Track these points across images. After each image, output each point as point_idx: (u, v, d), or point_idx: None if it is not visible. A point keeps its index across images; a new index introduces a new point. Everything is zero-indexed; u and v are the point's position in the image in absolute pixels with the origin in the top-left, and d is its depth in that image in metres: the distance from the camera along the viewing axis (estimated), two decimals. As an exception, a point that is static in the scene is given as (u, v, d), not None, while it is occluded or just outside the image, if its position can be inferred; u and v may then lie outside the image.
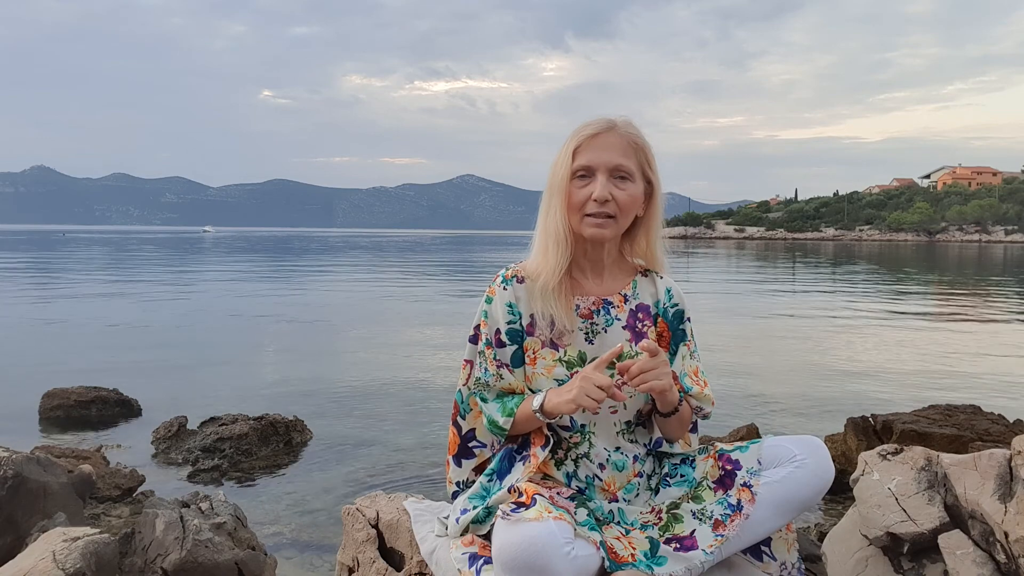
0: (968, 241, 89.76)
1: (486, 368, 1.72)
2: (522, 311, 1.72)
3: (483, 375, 1.73)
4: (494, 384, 1.72)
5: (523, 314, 1.72)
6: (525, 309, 1.72)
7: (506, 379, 1.72)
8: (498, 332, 1.71)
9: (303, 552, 3.17)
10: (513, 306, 1.72)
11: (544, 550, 1.39)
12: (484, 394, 1.73)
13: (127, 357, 8.03)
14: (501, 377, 1.72)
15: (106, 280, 20.30)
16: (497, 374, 1.71)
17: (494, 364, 1.72)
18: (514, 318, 1.72)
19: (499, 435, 1.71)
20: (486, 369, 1.72)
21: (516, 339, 1.72)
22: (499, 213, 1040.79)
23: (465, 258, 41.07)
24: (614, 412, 1.72)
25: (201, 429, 4.75)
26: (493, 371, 1.72)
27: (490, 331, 1.72)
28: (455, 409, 1.83)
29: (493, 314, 1.73)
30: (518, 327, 1.72)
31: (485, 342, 1.72)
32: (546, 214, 1.71)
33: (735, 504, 1.60)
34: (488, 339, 1.72)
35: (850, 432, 4.09)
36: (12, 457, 2.68)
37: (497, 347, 1.71)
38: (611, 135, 1.67)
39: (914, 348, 8.90)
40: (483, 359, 1.73)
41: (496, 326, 1.72)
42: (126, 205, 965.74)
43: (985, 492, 1.91)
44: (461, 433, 1.82)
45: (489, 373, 1.72)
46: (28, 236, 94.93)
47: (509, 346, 1.71)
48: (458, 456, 1.83)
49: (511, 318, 1.71)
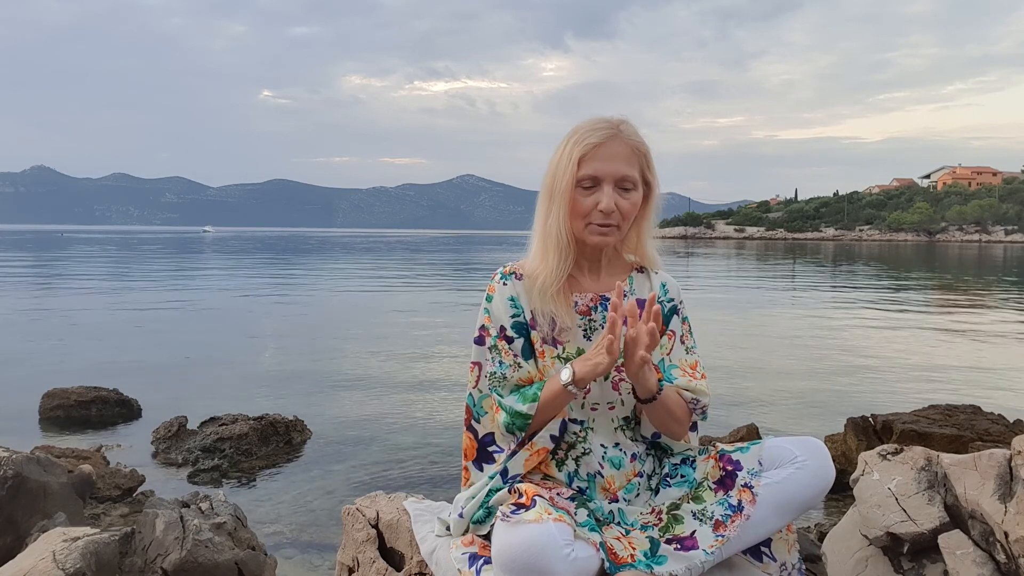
0: (968, 241, 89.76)
1: (501, 361, 1.70)
2: (523, 306, 1.72)
3: (499, 368, 1.70)
4: (511, 376, 1.69)
5: (524, 308, 1.72)
6: (526, 304, 1.72)
7: (524, 368, 1.70)
8: (503, 328, 1.71)
9: (303, 552, 3.18)
10: (515, 300, 1.72)
11: (544, 552, 1.39)
12: (499, 389, 1.70)
13: (127, 357, 8.03)
14: (519, 366, 1.69)
15: (106, 280, 20.30)
16: (515, 363, 1.69)
17: (510, 355, 1.70)
18: (517, 311, 1.72)
19: (521, 426, 1.66)
20: (501, 362, 1.70)
21: (522, 332, 1.71)
22: (499, 213, 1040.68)
23: (466, 258, 41.08)
24: (612, 408, 1.72)
25: (201, 429, 4.75)
26: (510, 361, 1.69)
27: (495, 327, 1.72)
28: (467, 414, 1.81)
29: (496, 311, 1.72)
30: (522, 320, 1.72)
31: (495, 337, 1.71)
32: (546, 218, 1.70)
33: (736, 505, 1.60)
34: (496, 335, 1.71)
35: (850, 432, 4.09)
36: (12, 457, 2.68)
37: (507, 342, 1.70)
38: (616, 144, 1.66)
39: (914, 348, 8.90)
40: (496, 353, 1.71)
41: (501, 322, 1.71)
42: (126, 205, 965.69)
43: (985, 492, 1.91)
44: (478, 437, 1.80)
45: (506, 365, 1.69)
46: (25, 236, 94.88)
47: (517, 339, 1.71)
48: (478, 460, 1.79)
49: (514, 311, 1.71)
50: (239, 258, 37.38)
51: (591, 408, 1.71)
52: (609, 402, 1.71)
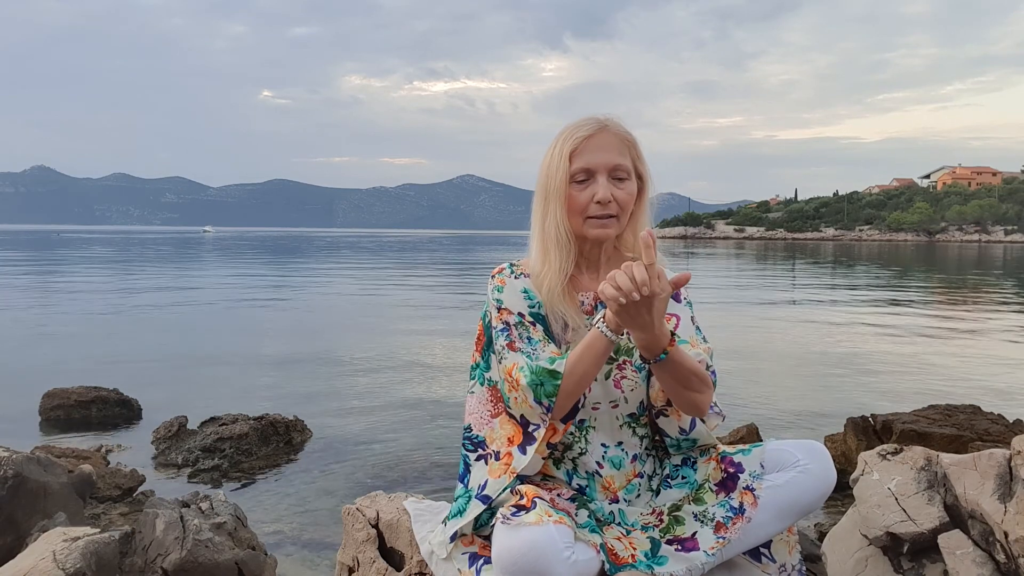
0: (968, 241, 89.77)
1: (530, 337, 1.65)
2: (538, 300, 1.70)
3: (528, 344, 1.64)
4: (542, 350, 1.63)
5: (539, 303, 1.69)
6: (539, 301, 1.70)
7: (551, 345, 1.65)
8: (523, 314, 1.67)
9: (303, 552, 3.17)
10: (529, 292, 1.70)
11: (544, 554, 1.39)
12: (532, 358, 1.61)
13: (127, 357, 8.03)
14: (549, 341, 1.65)
15: (106, 280, 20.30)
16: (544, 338, 1.65)
17: (539, 330, 1.65)
18: (532, 303, 1.69)
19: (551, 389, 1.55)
20: (530, 338, 1.64)
21: (541, 321, 1.69)
22: (499, 213, 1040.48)
23: (466, 257, 41.08)
24: (615, 407, 1.71)
25: (201, 429, 4.75)
26: (539, 336, 1.65)
27: (514, 312, 1.68)
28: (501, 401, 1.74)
29: (510, 300, 1.69)
30: (539, 312, 1.69)
31: (517, 316, 1.66)
32: (543, 218, 1.69)
33: (737, 507, 1.60)
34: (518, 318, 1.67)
35: (850, 432, 4.09)
36: (12, 457, 2.68)
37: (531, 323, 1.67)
38: (605, 135, 1.67)
39: (914, 347, 8.90)
40: (524, 329, 1.65)
41: (519, 309, 1.68)
42: (126, 205, 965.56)
43: (985, 492, 1.91)
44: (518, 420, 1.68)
45: (536, 340, 1.64)
46: (20, 237, 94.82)
47: (538, 325, 1.67)
48: (523, 444, 1.67)
49: (530, 303, 1.69)
50: (239, 258, 37.37)
51: (592, 407, 1.70)
52: (611, 400, 1.71)
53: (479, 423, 1.76)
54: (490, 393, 1.75)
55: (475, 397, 1.78)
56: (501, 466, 1.68)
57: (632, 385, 1.69)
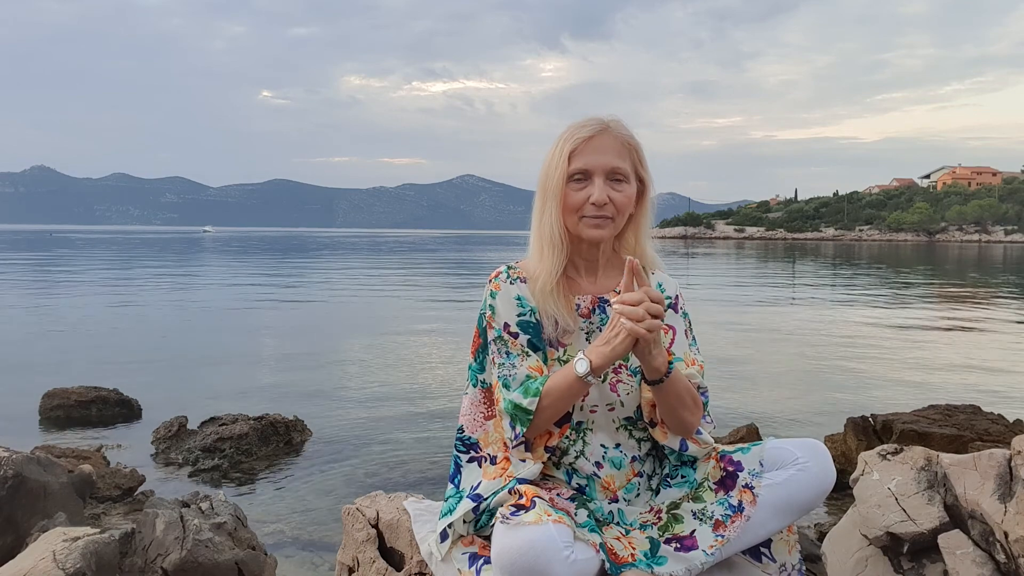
0: (968, 241, 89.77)
1: (508, 352, 1.67)
2: (531, 306, 1.70)
3: (506, 359, 1.67)
4: (520, 366, 1.66)
5: (532, 309, 1.70)
6: (533, 306, 1.71)
7: (532, 357, 1.67)
8: (507, 325, 1.69)
9: (303, 551, 3.18)
10: (522, 299, 1.70)
11: (544, 554, 1.38)
12: (508, 380, 1.66)
13: (127, 357, 8.03)
14: (528, 355, 1.67)
15: (106, 280, 20.30)
16: (523, 352, 1.66)
17: (517, 345, 1.67)
18: (524, 310, 1.69)
19: (523, 422, 1.61)
20: (508, 352, 1.67)
21: (528, 330, 1.69)
22: (499, 213, 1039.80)
23: (467, 257, 41.07)
24: (612, 410, 1.71)
25: (201, 429, 4.75)
26: (517, 351, 1.67)
27: (499, 323, 1.69)
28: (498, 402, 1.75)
29: (500, 308, 1.70)
30: (530, 320, 1.69)
31: (498, 331, 1.68)
32: (540, 216, 1.70)
33: (736, 505, 1.60)
34: (500, 330, 1.68)
35: (850, 432, 4.09)
36: (12, 457, 2.68)
37: (511, 336, 1.68)
38: (606, 137, 1.67)
39: (914, 347, 8.90)
40: (502, 344, 1.68)
41: (504, 319, 1.69)
42: (126, 205, 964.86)
43: (985, 492, 1.91)
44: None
45: (513, 355, 1.66)
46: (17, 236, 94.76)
47: (522, 335, 1.68)
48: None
49: (521, 310, 1.69)
50: (239, 258, 37.37)
51: (590, 411, 1.70)
52: (608, 404, 1.71)
53: (472, 425, 1.77)
54: (483, 395, 1.76)
55: (469, 398, 1.79)
56: (498, 470, 1.70)
57: (628, 389, 1.69)
